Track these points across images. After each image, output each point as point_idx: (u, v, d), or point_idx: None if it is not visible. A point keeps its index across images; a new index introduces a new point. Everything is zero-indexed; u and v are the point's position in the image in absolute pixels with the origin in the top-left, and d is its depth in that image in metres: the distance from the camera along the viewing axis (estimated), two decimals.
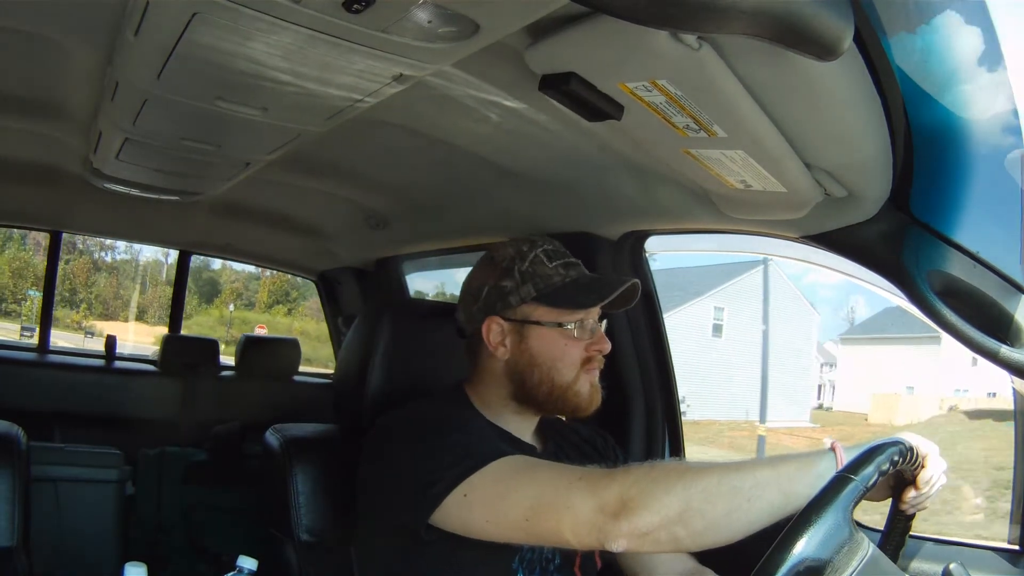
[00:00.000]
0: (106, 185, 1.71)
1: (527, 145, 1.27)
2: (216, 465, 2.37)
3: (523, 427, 1.06)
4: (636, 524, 0.77)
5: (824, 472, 0.76)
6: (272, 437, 1.22)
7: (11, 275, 10.43)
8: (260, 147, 1.31)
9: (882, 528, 0.90)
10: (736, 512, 0.77)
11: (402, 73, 0.87)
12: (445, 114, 1.18)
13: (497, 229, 1.59)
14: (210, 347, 2.87)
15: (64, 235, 2.94)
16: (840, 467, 0.76)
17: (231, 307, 12.59)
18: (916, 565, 1.07)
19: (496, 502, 0.85)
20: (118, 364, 2.76)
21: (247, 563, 0.96)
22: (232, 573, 0.95)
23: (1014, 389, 1.09)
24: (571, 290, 1.00)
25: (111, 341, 2.80)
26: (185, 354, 2.76)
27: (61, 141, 1.57)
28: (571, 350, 1.00)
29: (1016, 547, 1.08)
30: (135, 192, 1.76)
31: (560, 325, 1.00)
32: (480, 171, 1.40)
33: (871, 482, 0.71)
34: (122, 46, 0.95)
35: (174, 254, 3.06)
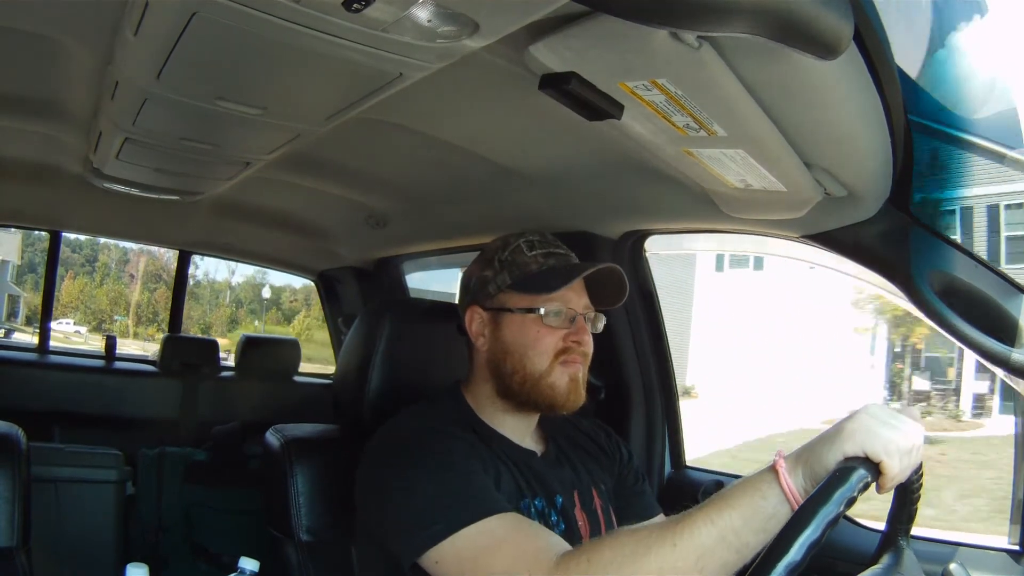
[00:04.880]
0: (106, 185, 1.71)
1: (527, 144, 1.27)
2: (216, 465, 2.36)
3: (520, 428, 1.04)
4: None
5: (774, 512, 0.70)
6: (272, 437, 1.22)
7: (108, 303, 13.70)
8: (260, 146, 1.31)
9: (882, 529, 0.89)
10: None
11: (402, 72, 0.87)
12: (445, 114, 1.18)
13: (497, 228, 1.57)
14: (210, 347, 2.87)
15: (150, 269, 2.98)
16: (785, 490, 0.69)
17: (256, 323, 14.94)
18: None
19: None
20: (118, 364, 2.76)
21: (249, 565, 0.96)
22: (234, 575, 0.95)
23: (1014, 390, 1.09)
24: (544, 276, 0.99)
25: (111, 342, 2.80)
26: (185, 354, 2.75)
27: (61, 141, 1.57)
28: (544, 337, 0.97)
29: (1016, 547, 1.08)
30: (135, 192, 1.76)
31: (532, 311, 0.98)
32: (480, 170, 1.40)
33: None
34: (122, 46, 0.95)
35: (239, 278, 3.09)
